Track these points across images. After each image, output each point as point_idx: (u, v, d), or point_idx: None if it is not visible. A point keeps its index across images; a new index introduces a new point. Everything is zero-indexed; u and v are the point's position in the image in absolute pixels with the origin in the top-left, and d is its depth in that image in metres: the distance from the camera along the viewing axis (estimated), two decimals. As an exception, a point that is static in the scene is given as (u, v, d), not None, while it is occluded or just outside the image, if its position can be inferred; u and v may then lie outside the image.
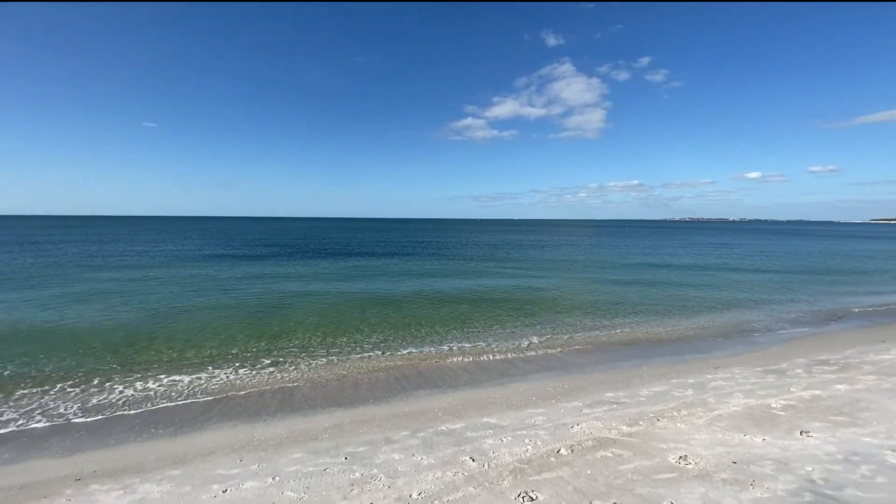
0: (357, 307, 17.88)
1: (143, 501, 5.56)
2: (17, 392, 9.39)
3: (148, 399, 9.18)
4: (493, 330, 14.74)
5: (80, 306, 17.46)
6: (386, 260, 35.61)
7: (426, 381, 10.37)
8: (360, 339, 13.62)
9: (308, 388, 9.91)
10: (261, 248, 46.89)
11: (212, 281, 24.40)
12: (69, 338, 13.20)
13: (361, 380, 10.38)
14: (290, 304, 18.28)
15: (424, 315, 16.66)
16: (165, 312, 16.56)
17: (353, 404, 9.04)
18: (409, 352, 12.44)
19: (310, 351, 12.42)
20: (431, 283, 23.86)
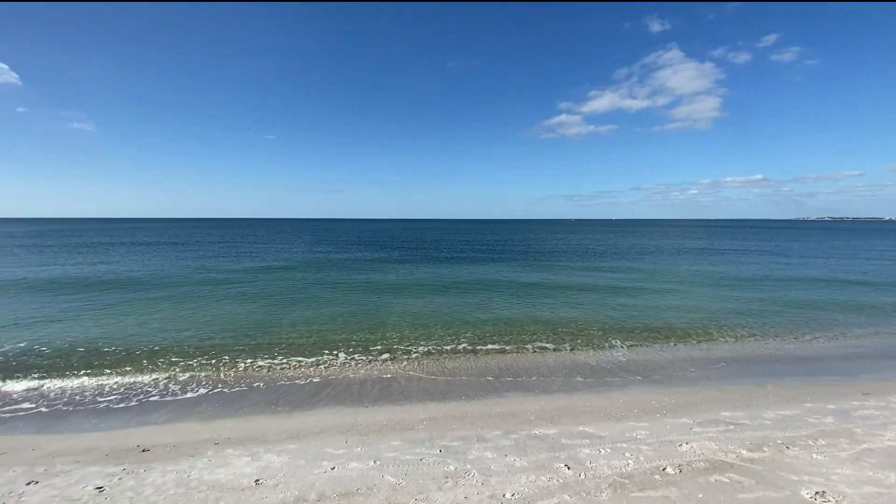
0: (450, 306, 18.30)
1: (267, 469, 6.30)
2: (175, 366, 11.24)
3: (272, 378, 10.38)
4: (589, 336, 14.08)
5: (224, 295, 20.34)
6: (476, 261, 35.87)
7: (518, 383, 10.28)
8: (453, 337, 13.91)
9: (404, 380, 10.41)
10: (362, 248, 50.35)
11: (321, 276, 26.78)
12: (214, 321, 15.44)
13: (455, 376, 10.62)
14: (388, 301, 19.32)
15: (516, 318, 16.48)
16: (285, 303, 18.56)
17: (447, 399, 9.29)
18: (501, 353, 12.41)
19: (406, 345, 13.00)
20: (522, 286, 23.53)
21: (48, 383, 9.98)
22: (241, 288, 22.43)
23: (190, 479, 5.99)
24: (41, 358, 11.65)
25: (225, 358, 11.81)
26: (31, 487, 5.82)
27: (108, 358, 11.69)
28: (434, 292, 21.38)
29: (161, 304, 18.45)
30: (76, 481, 5.98)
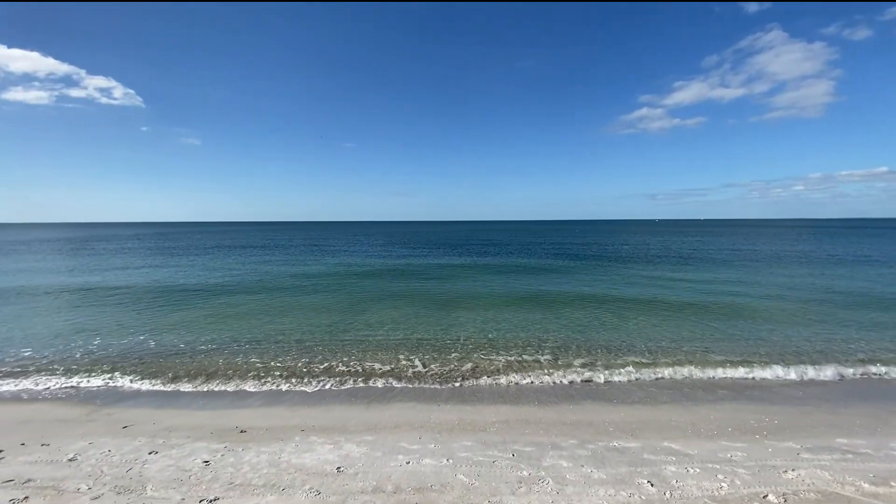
0: (521, 307, 18.03)
1: (347, 458, 6.64)
2: (264, 356, 12.29)
3: (350, 373, 10.94)
4: (673, 344, 13.11)
5: (307, 293, 21.92)
6: (549, 262, 34.97)
7: (595, 391, 9.84)
8: (525, 339, 13.68)
9: (473, 379, 10.42)
10: (434, 250, 51.37)
11: (396, 277, 27.76)
12: (299, 319, 16.68)
13: (527, 380, 10.42)
14: (457, 301, 19.48)
15: (591, 322, 15.81)
16: (363, 302, 19.51)
17: (519, 403, 9.15)
18: (576, 358, 11.97)
19: (477, 345, 13.00)
20: (598, 289, 22.48)
21: (173, 367, 11.40)
22: (324, 288, 23.91)
23: (280, 461, 6.50)
24: (156, 345, 13.35)
25: (307, 352, 12.66)
26: (152, 456, 6.68)
27: (209, 346, 13.08)
28: (501, 294, 21.18)
29: (253, 302, 20.25)
30: (187, 454, 6.76)
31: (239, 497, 5.50)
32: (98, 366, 11.43)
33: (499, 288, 23.09)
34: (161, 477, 6.02)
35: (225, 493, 5.58)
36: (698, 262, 34.68)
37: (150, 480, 5.93)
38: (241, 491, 5.65)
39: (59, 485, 5.79)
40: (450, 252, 47.21)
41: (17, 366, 11.45)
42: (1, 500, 5.41)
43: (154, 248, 55.44)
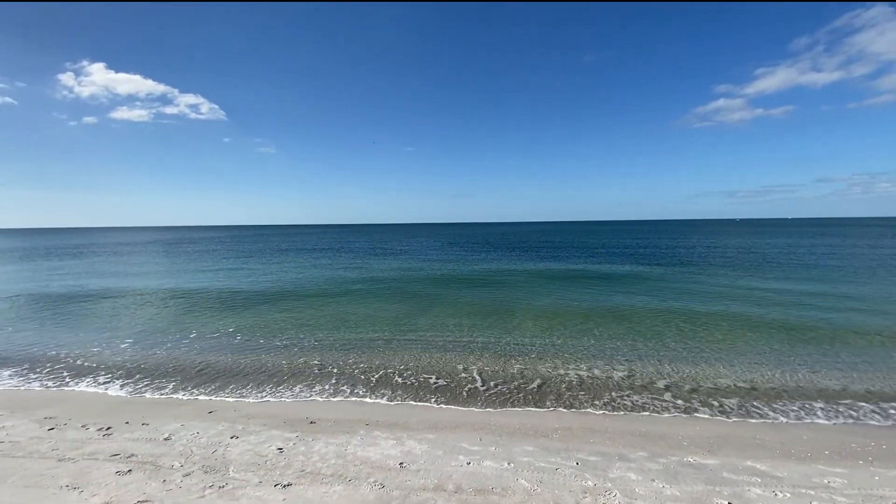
0: (582, 311, 17.39)
1: (409, 454, 6.78)
2: (329, 352, 12.89)
3: (411, 371, 11.17)
4: (759, 355, 12.01)
5: (372, 293, 22.75)
6: (613, 266, 33.37)
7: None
8: (588, 343, 13.20)
9: (535, 385, 10.20)
10: (493, 250, 51.04)
11: (456, 278, 27.95)
12: (363, 317, 17.34)
13: (593, 387, 10.03)
14: (518, 305, 19.19)
15: (661, 329, 14.90)
16: (423, 303, 19.87)
17: (583, 410, 8.83)
18: (644, 367, 11.33)
19: (541, 354, 12.71)
20: (671, 297, 21.12)
21: (250, 360, 12.32)
22: (386, 289, 24.64)
23: (347, 453, 6.78)
24: (239, 340, 14.46)
25: (369, 349, 13.09)
26: (234, 441, 7.24)
27: (284, 343, 13.95)
28: (563, 297, 20.55)
29: (320, 304, 21.32)
30: (263, 441, 7.25)
31: (309, 484, 5.80)
32: (189, 356, 12.61)
33: (561, 292, 22.44)
34: (241, 460, 6.52)
35: (297, 480, 5.92)
36: (787, 268, 31.48)
37: (232, 462, 6.43)
38: (312, 479, 5.96)
39: (156, 461, 6.45)
40: (509, 254, 46.66)
41: (123, 353, 12.94)
42: (109, 470, 6.13)
43: (234, 250, 60.35)
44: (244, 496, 5.47)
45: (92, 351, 13.07)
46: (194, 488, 5.65)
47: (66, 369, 11.43)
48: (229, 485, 5.76)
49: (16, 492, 5.52)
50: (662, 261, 36.04)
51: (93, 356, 12.56)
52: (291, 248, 61.59)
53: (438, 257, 43.98)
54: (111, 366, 11.71)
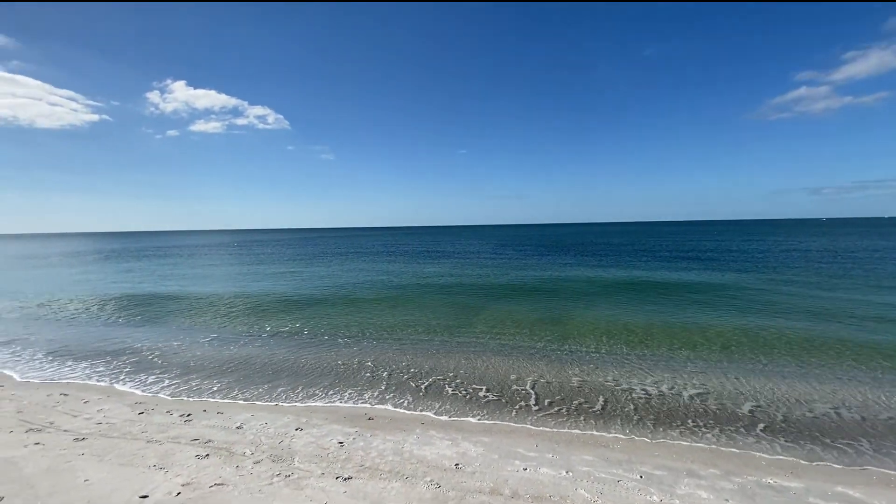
0: (642, 318, 16.54)
1: (465, 456, 6.79)
2: (388, 351, 13.22)
3: (464, 373, 11.18)
4: (853, 371, 10.83)
5: (427, 294, 23.10)
6: (682, 272, 31.39)
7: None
8: (652, 353, 12.54)
9: (593, 393, 9.83)
10: (546, 252, 49.87)
11: (503, 280, 27.64)
12: (420, 318, 17.64)
13: (663, 409, 9.50)
14: (577, 310, 18.62)
15: (744, 344, 13.84)
16: (473, 303, 19.85)
17: (647, 420, 8.39)
18: (743, 403, 10.57)
19: (599, 364, 12.25)
20: (752, 307, 19.56)
21: (307, 356, 12.94)
22: (438, 291, 24.86)
23: (403, 451, 6.91)
24: (307, 336, 15.22)
25: (421, 352, 13.26)
26: (298, 433, 7.61)
27: (344, 341, 14.49)
28: (619, 302, 19.65)
29: (378, 305, 21.89)
30: (325, 434, 7.56)
31: (369, 479, 5.97)
32: (259, 351, 13.46)
33: (623, 301, 21.50)
34: (305, 451, 6.84)
35: (357, 474, 6.11)
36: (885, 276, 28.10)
37: (297, 453, 6.76)
38: (371, 474, 6.13)
39: (230, 447, 6.93)
40: (564, 256, 45.35)
41: (201, 347, 14.05)
42: (189, 454, 6.65)
43: (297, 253, 63.65)
44: (308, 486, 5.73)
45: (173, 345, 14.29)
46: (263, 475, 6.00)
47: (149, 361, 12.59)
48: (295, 474, 6.06)
49: (112, 469, 6.14)
50: (740, 266, 32.57)
51: (173, 350, 13.74)
52: (349, 251, 63.92)
53: (490, 260, 43.69)
54: (190, 357, 12.75)
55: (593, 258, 41.78)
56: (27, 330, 16.34)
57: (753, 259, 37.56)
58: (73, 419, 8.10)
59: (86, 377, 11.04)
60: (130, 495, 5.35)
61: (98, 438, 7.20)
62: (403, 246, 74.10)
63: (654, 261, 37.74)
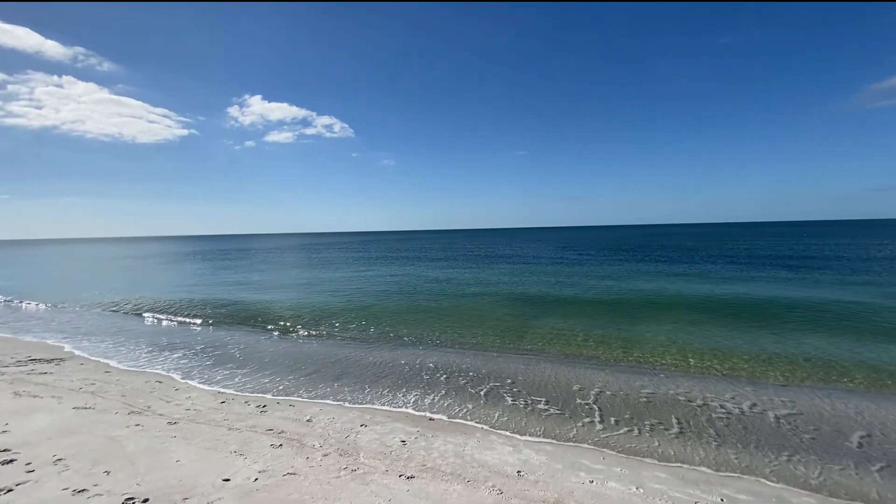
0: (720, 329, 15.27)
1: (527, 463, 6.64)
2: (448, 352, 13.31)
3: (525, 378, 10.97)
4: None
5: (488, 296, 23.06)
6: (769, 284, 28.67)
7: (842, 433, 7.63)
8: (730, 367, 11.55)
9: (665, 409, 9.21)
10: (609, 254, 47.73)
11: (570, 282, 26.79)
12: (478, 324, 17.63)
13: (742, 417, 8.73)
14: (642, 315, 17.63)
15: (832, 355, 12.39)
16: (535, 307, 19.46)
17: (730, 436, 7.73)
18: (805, 399, 9.52)
19: (664, 367, 11.54)
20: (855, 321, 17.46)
21: (372, 355, 13.38)
22: (499, 292, 24.65)
23: (465, 454, 6.90)
24: (374, 334, 15.75)
25: (480, 356, 13.19)
26: (363, 429, 7.87)
27: (407, 340, 14.81)
28: (707, 310, 18.28)
29: (439, 307, 22.15)
30: (388, 432, 7.75)
31: (431, 479, 6.02)
32: (326, 349, 14.14)
33: (691, 304, 20.06)
34: (370, 448, 7.05)
35: (419, 473, 6.19)
36: None
37: (362, 449, 6.99)
38: (433, 475, 6.18)
39: (301, 439, 7.30)
40: (629, 259, 42.93)
41: (274, 343, 15.00)
42: (265, 443, 7.10)
43: (361, 255, 66.21)
44: (373, 482, 5.89)
45: (250, 341, 15.39)
46: (331, 468, 6.25)
47: (230, 355, 13.64)
48: (360, 469, 6.25)
49: (199, 452, 6.70)
50: (841, 276, 28.13)
51: (251, 345, 14.80)
52: (409, 255, 65.36)
53: (551, 264, 42.51)
54: (265, 352, 13.66)
55: (664, 263, 39.24)
56: (128, 323, 18.39)
57: (855, 266, 33.37)
58: (166, 404, 8.96)
59: (177, 367, 12.17)
60: (215, 477, 5.81)
61: (187, 423, 7.89)
62: (461, 249, 74.43)
63: (732, 265, 34.76)
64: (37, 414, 7.96)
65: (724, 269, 32.35)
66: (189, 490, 5.44)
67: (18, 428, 7.26)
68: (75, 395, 9.25)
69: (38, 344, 14.70)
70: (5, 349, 13.56)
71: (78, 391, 9.58)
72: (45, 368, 11.51)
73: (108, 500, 5.13)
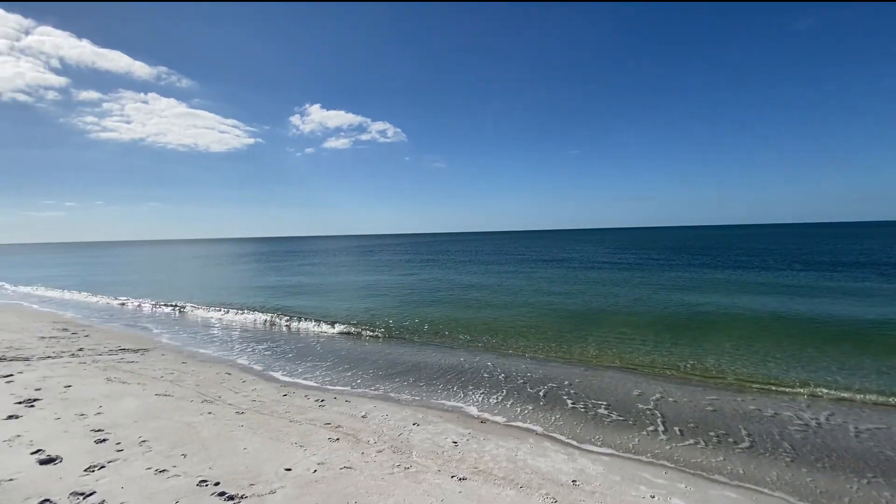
0: (796, 338, 13.92)
1: (583, 473, 6.42)
2: (522, 354, 13.20)
3: (583, 383, 10.63)
4: None
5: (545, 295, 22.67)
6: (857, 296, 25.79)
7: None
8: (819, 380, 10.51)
9: (734, 419, 8.53)
10: (673, 256, 45.07)
11: (626, 283, 25.61)
12: (533, 326, 17.34)
13: (820, 431, 7.93)
14: (711, 321, 16.49)
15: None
16: (595, 308, 18.81)
17: (818, 457, 7.03)
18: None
19: (744, 381, 10.70)
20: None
21: (422, 354, 13.55)
22: (558, 293, 24.10)
23: (517, 458, 6.79)
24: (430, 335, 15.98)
25: (542, 356, 12.93)
26: (415, 427, 7.97)
27: (450, 340, 14.85)
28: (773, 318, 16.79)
29: (493, 307, 22.01)
30: (440, 432, 7.80)
31: (483, 483, 5.98)
32: (380, 347, 14.51)
33: (761, 310, 18.48)
34: (422, 447, 7.13)
35: (471, 475, 6.17)
36: None
37: (415, 448, 7.08)
38: (485, 478, 6.14)
39: (356, 434, 7.53)
40: (694, 261, 40.12)
41: (334, 342, 15.61)
42: (323, 436, 7.38)
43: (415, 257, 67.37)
44: (425, 481, 5.95)
45: (309, 338, 16.12)
46: (385, 464, 6.39)
47: (290, 349, 14.36)
48: (413, 467, 6.34)
49: (263, 441, 7.09)
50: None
51: (309, 342, 15.50)
52: (462, 256, 65.61)
53: (608, 269, 40.89)
54: (323, 349, 14.26)
55: (731, 269, 36.46)
56: (201, 318, 19.91)
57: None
58: (234, 395, 9.58)
59: (244, 361, 12.99)
60: (278, 466, 6.12)
61: (253, 414, 8.39)
62: (513, 250, 73.55)
63: (812, 271, 31.63)
64: (125, 398, 8.80)
65: (804, 276, 29.51)
66: (255, 477, 5.77)
67: (110, 410, 8.06)
68: (157, 383, 10.14)
69: (126, 335, 16.30)
70: (100, 339, 15.14)
71: (159, 379, 10.50)
72: (132, 357, 12.72)
73: (185, 480, 5.55)
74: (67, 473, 5.54)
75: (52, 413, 7.69)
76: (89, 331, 16.75)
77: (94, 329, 17.26)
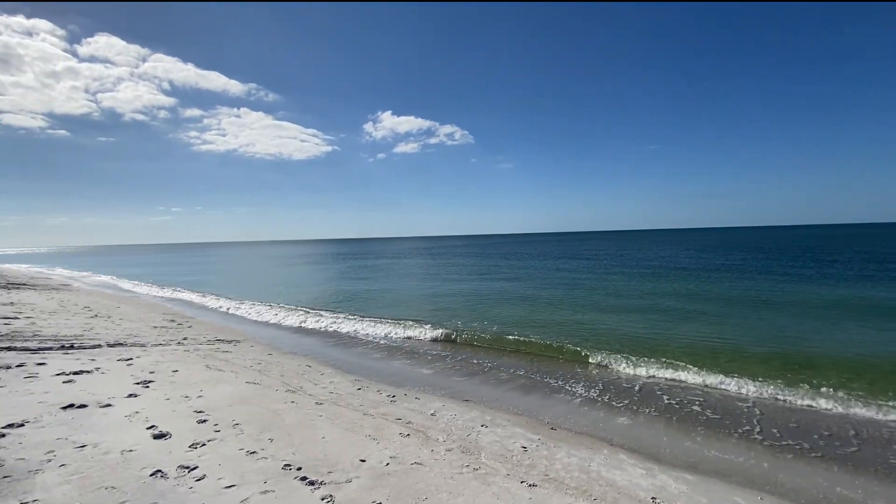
0: None
1: (663, 490, 6.01)
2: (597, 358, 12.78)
3: (667, 392, 9.97)
4: None
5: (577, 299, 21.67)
6: None
7: None
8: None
9: (841, 421, 7.49)
10: (764, 257, 40.60)
11: (712, 284, 23.56)
12: (614, 329, 16.63)
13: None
14: (807, 322, 14.65)
15: None
16: (678, 308, 17.56)
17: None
18: None
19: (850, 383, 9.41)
20: None
21: (490, 355, 13.50)
22: (638, 294, 22.85)
23: (590, 469, 6.52)
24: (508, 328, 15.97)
25: (612, 360, 12.33)
26: (483, 429, 7.96)
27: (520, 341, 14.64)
28: None
29: (571, 308, 21.39)
30: (508, 436, 7.71)
31: (554, 491, 5.82)
32: (453, 346, 14.71)
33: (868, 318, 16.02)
34: (491, 449, 7.10)
35: (541, 483, 6.03)
36: None
37: (483, 449, 7.07)
38: (556, 486, 5.96)
39: (426, 432, 7.68)
40: (788, 264, 35.82)
41: (401, 344, 16.11)
42: (394, 431, 7.62)
43: (483, 259, 67.50)
44: (494, 484, 5.91)
45: (380, 334, 16.75)
46: (454, 464, 6.44)
47: (364, 344, 15.02)
48: (482, 469, 6.33)
49: (340, 432, 7.48)
50: None
51: (381, 338, 16.10)
52: (532, 257, 64.52)
53: (693, 272, 37.86)
54: (395, 346, 14.75)
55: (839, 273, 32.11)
56: (283, 317, 21.49)
57: None
58: (314, 386, 10.21)
59: (322, 354, 13.82)
60: (353, 457, 6.42)
61: (330, 405, 8.89)
62: (585, 252, 70.79)
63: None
64: (221, 384, 9.74)
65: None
66: (333, 465, 6.10)
67: (209, 395, 8.96)
68: (247, 372, 11.10)
69: (222, 327, 18.05)
70: (201, 331, 16.91)
71: (249, 368, 11.49)
72: (227, 348, 14.05)
73: (272, 463, 6.02)
74: (175, 448, 6.24)
75: (163, 394, 8.72)
76: (192, 322, 18.78)
77: (196, 321, 19.32)
